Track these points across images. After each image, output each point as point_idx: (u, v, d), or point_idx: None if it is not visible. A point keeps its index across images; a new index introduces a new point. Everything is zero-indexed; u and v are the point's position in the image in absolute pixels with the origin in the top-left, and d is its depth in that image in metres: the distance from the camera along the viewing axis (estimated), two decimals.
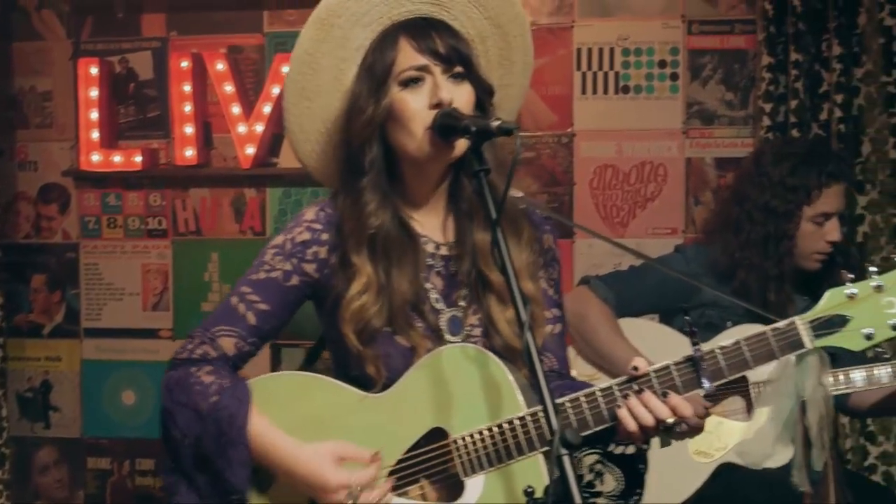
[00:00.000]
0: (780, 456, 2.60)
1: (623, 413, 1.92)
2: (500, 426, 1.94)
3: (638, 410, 1.92)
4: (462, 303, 2.07)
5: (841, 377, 2.99)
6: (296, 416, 1.98)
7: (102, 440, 4.57)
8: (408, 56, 1.99)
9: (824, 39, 3.91)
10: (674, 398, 1.93)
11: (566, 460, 1.66)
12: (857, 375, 2.99)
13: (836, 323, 1.92)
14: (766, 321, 2.90)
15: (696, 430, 2.96)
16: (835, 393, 3.02)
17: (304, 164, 2.16)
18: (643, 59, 4.16)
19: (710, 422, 3.00)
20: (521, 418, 1.93)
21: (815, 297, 3.09)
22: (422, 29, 2.01)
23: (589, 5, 4.18)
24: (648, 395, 1.92)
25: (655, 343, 3.09)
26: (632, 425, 1.91)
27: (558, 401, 1.92)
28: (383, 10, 2.02)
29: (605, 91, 4.19)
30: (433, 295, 2.05)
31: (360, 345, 1.98)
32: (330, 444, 1.93)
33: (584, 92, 4.20)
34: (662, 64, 4.15)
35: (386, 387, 1.99)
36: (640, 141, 4.18)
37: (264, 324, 2.04)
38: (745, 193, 3.20)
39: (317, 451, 1.92)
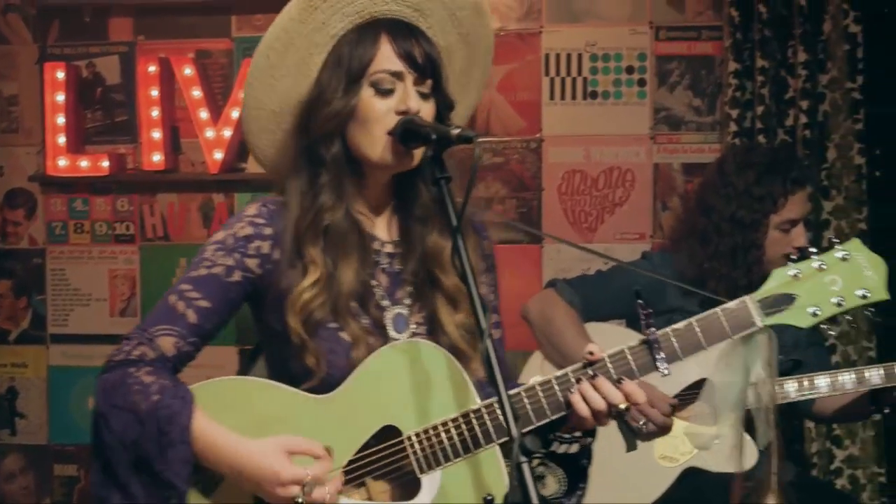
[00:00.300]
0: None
1: (576, 398, 1.92)
2: (455, 420, 1.93)
3: (590, 394, 1.92)
4: (407, 301, 2.08)
5: (805, 383, 3.01)
6: (240, 422, 1.93)
7: (69, 447, 4.53)
8: (386, 58, 1.99)
9: (790, 46, 3.94)
10: (628, 384, 1.93)
11: (525, 468, 1.67)
12: (822, 382, 3.01)
13: (783, 301, 1.98)
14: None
15: (663, 429, 2.99)
16: (799, 399, 3.05)
17: (250, 142, 2.13)
18: (611, 65, 4.17)
19: (676, 426, 3.01)
20: (477, 411, 1.93)
21: None
22: (403, 33, 2.02)
23: (557, 11, 4.20)
24: (602, 380, 1.92)
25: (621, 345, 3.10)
26: (584, 410, 1.92)
27: (512, 392, 1.92)
28: (367, 3, 2.02)
29: (574, 97, 4.20)
30: (378, 292, 2.05)
31: (306, 334, 1.96)
32: (279, 438, 1.89)
33: (552, 97, 4.21)
34: (630, 70, 4.17)
35: (329, 385, 1.97)
36: (608, 146, 4.19)
37: (205, 322, 1.99)
38: (711, 204, 3.21)
39: (265, 444, 1.88)
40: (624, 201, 4.21)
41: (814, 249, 2.03)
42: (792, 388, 3.01)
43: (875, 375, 2.98)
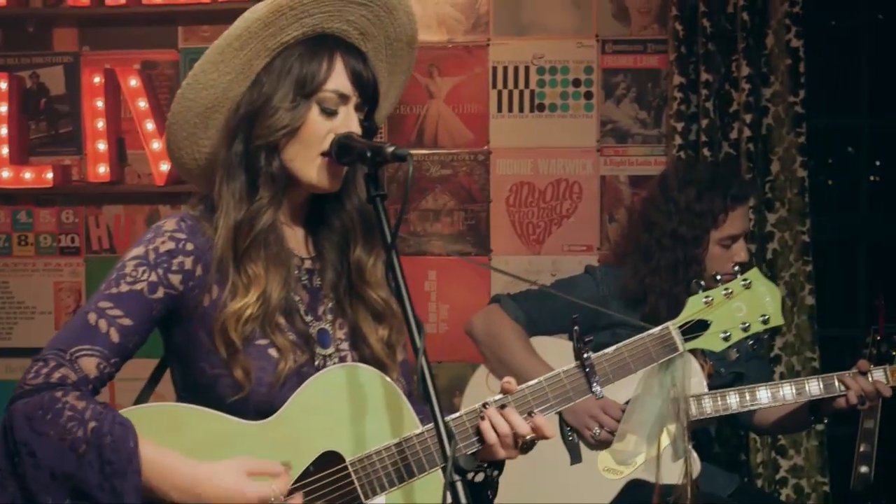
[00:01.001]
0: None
1: (485, 425, 1.96)
2: (399, 444, 1.93)
3: (496, 420, 1.96)
4: (329, 316, 2.07)
5: (747, 395, 3.04)
6: (175, 450, 1.87)
7: None
8: (340, 79, 1.99)
9: (734, 60, 3.98)
10: (538, 418, 1.98)
11: (460, 486, 1.68)
12: (763, 394, 3.04)
13: (699, 327, 2.17)
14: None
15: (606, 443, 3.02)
16: (741, 411, 3.08)
17: (169, 132, 2.07)
18: (558, 78, 4.19)
19: None
20: (420, 434, 1.94)
21: None
22: (354, 54, 2.02)
23: (504, 24, 4.21)
24: (510, 410, 1.97)
25: (566, 361, 3.11)
26: (491, 437, 1.95)
27: (452, 417, 1.94)
28: (324, 17, 2.00)
29: (521, 109, 4.22)
30: (302, 307, 2.04)
31: (241, 345, 1.93)
32: (237, 460, 1.86)
33: (499, 110, 4.22)
34: (577, 83, 4.19)
35: (255, 401, 1.94)
36: (556, 158, 4.21)
37: (127, 342, 1.92)
38: (653, 220, 3.24)
39: (225, 468, 1.84)
40: (571, 213, 4.23)
41: (718, 277, 2.21)
42: (734, 401, 3.04)
43: (814, 387, 3.02)
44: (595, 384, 2.05)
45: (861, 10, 4.28)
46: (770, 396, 3.03)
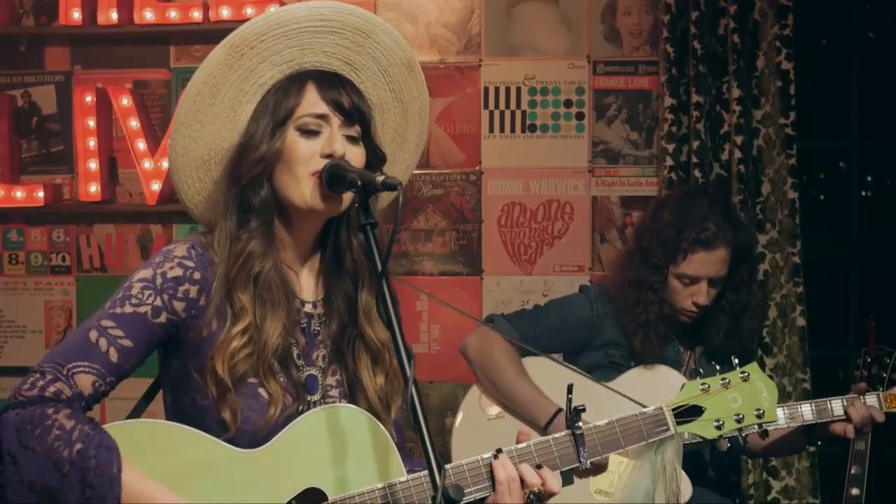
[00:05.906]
0: None
1: (497, 463, 2.00)
2: (383, 488, 1.94)
3: (506, 463, 2.00)
4: (321, 363, 2.07)
5: None
6: (161, 469, 1.88)
7: None
8: (311, 102, 1.99)
9: (724, 82, 3.99)
10: (545, 471, 2.02)
11: None
12: None
13: (693, 412, 2.22)
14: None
15: (598, 468, 3.02)
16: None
17: (178, 190, 2.10)
18: (549, 99, 4.20)
19: (612, 461, 3.03)
20: (404, 482, 1.94)
21: (689, 345, 3.19)
22: (331, 81, 2.02)
23: (496, 44, 4.22)
24: (524, 466, 2.02)
25: (559, 381, 3.11)
26: (501, 475, 1.98)
27: (451, 465, 1.96)
28: (295, 53, 2.01)
29: (513, 129, 4.22)
30: (296, 351, 2.04)
31: (229, 384, 1.93)
32: None
33: (491, 130, 4.23)
34: (568, 103, 4.20)
35: (241, 440, 1.94)
36: (547, 179, 4.22)
37: (125, 362, 1.93)
38: (640, 232, 3.28)
39: None
40: (563, 234, 4.23)
41: (736, 360, 2.28)
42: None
43: (807, 411, 3.01)
44: (583, 455, 2.08)
45: (851, 31, 4.30)
46: None
